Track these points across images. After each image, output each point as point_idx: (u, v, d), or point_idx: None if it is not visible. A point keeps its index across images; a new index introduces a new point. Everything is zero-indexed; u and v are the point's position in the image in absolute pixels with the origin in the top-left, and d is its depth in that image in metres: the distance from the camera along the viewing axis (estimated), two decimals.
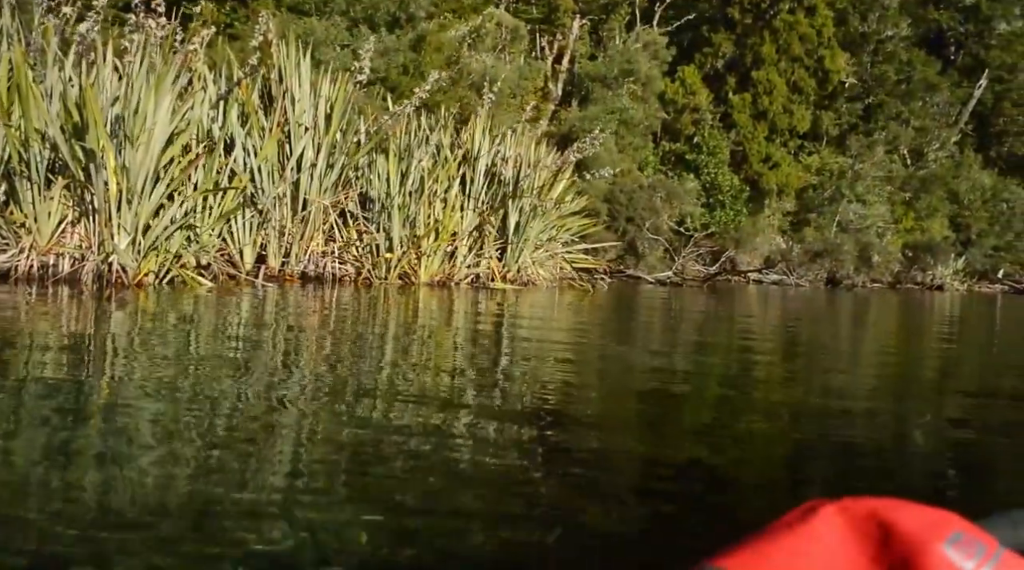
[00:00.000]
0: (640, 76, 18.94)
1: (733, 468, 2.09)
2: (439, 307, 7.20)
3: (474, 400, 2.72)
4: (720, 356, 4.53)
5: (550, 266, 12.12)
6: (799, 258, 23.24)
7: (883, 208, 25.83)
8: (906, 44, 28.45)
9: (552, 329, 5.69)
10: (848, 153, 26.32)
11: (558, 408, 2.68)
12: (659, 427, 2.60)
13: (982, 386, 4.14)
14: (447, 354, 3.92)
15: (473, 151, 10.53)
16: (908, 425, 2.79)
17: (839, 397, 3.30)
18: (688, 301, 11.39)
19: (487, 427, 2.27)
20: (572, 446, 2.18)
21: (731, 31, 23.13)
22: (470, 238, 10.51)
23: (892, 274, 26.74)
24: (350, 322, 5.23)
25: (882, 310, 13.53)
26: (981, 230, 30.90)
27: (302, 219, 8.92)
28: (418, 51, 12.55)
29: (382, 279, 9.22)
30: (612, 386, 3.33)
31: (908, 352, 6.00)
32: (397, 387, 2.86)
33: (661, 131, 21.84)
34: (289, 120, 8.73)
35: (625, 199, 17.16)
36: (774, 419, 2.76)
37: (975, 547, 0.60)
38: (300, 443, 2.00)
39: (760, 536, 0.63)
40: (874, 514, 0.62)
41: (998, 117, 33.08)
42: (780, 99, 22.23)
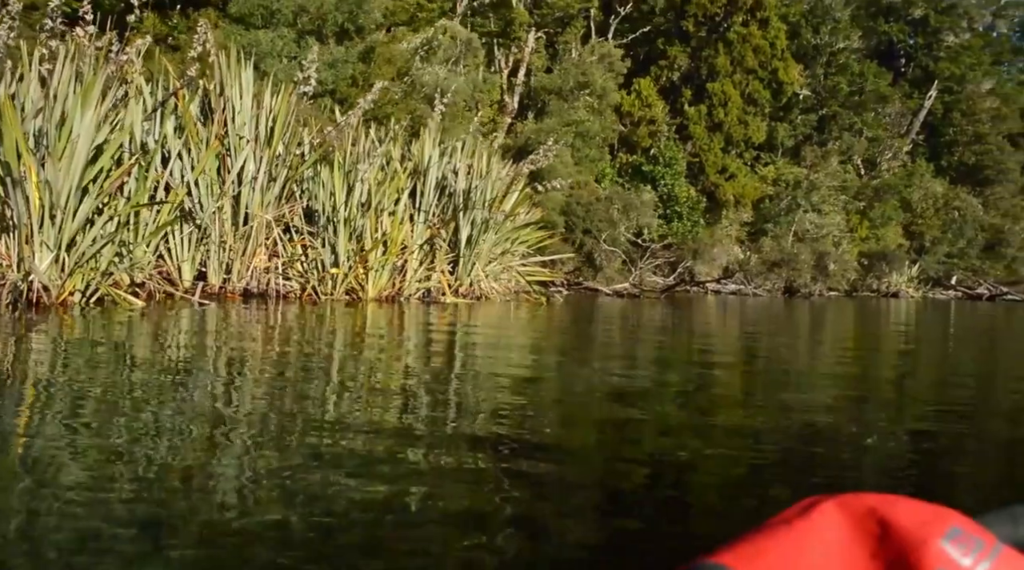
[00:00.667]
0: (595, 88, 18.89)
1: (692, 489, 2.00)
2: (386, 324, 6.95)
3: (422, 427, 2.51)
4: (679, 373, 4.36)
5: (504, 279, 11.93)
6: (757, 268, 23.34)
7: (838, 217, 26.09)
8: (858, 56, 28.89)
9: (503, 347, 5.48)
10: (803, 163, 26.60)
11: (510, 434, 2.46)
12: (614, 453, 2.42)
13: (938, 396, 4.01)
14: (392, 377, 3.68)
15: (423, 163, 10.31)
16: (866, 439, 2.71)
17: (799, 411, 3.14)
18: (646, 313, 11.26)
19: (437, 457, 2.07)
20: (524, 474, 2.01)
21: (686, 44, 23.26)
22: (421, 252, 10.27)
23: (848, 282, 26.99)
24: (289, 344, 4.97)
25: (840, 319, 13.53)
26: (934, 238, 31.38)
27: (244, 234, 8.62)
28: (368, 63, 12.32)
29: (328, 295, 8.95)
30: (566, 409, 3.10)
31: (866, 362, 5.89)
32: (340, 416, 2.63)
33: (618, 143, 21.84)
34: (229, 132, 8.45)
35: (582, 211, 17.05)
36: (733, 440, 2.59)
37: (973, 543, 0.59)
38: (226, 503, 1.75)
39: (759, 532, 0.62)
40: (873, 510, 0.62)
41: (948, 127, 33.72)
42: (735, 110, 22.37)
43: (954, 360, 6.42)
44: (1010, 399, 3.96)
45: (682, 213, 20.80)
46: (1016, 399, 4.02)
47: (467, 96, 14.95)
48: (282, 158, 8.79)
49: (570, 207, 17.04)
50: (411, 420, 2.59)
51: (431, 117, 11.61)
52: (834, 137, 28.01)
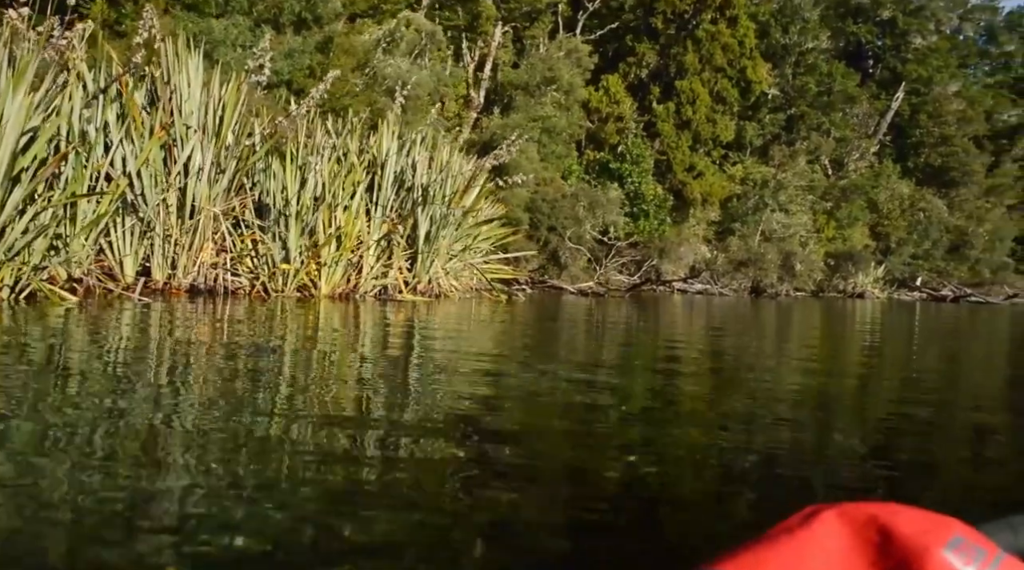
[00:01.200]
0: (562, 84, 18.68)
1: (663, 498, 1.89)
2: (337, 322, 6.69)
3: (372, 445, 2.25)
4: (643, 379, 4.14)
5: (465, 277, 11.69)
6: (723, 267, 23.30)
7: (805, 217, 26.15)
8: (826, 56, 28.97)
9: (459, 350, 5.24)
10: (771, 163, 26.62)
11: (466, 453, 2.23)
12: (576, 472, 2.21)
13: (902, 400, 3.86)
14: (335, 380, 3.43)
15: (381, 156, 10.05)
16: (833, 444, 2.65)
17: (763, 424, 2.94)
18: (611, 312, 11.09)
19: (388, 483, 1.84)
20: (482, 492, 1.82)
21: (654, 41, 23.13)
22: (378, 248, 10.01)
23: (815, 283, 27.08)
24: (230, 343, 4.69)
25: (806, 320, 13.46)
26: (900, 239, 31.62)
27: (190, 228, 8.30)
28: (326, 53, 12.01)
29: (278, 292, 8.65)
30: (526, 419, 2.86)
31: (832, 364, 5.73)
32: (281, 434, 2.37)
33: (585, 140, 21.65)
34: (175, 122, 8.12)
35: (547, 208, 16.84)
36: (698, 459, 2.39)
37: (975, 552, 0.60)
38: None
39: (760, 541, 0.63)
40: (874, 519, 0.62)
41: (915, 128, 33.98)
42: (703, 109, 22.28)
43: (919, 363, 6.30)
44: (972, 412, 3.82)
45: (649, 211, 20.66)
46: (978, 409, 3.88)
47: (430, 90, 14.68)
48: (231, 149, 8.48)
49: (535, 204, 16.82)
50: (374, 436, 2.35)
51: (391, 110, 11.35)
52: (802, 137, 28.07)
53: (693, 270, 22.63)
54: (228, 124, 8.39)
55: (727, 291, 22.15)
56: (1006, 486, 2.16)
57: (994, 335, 10.88)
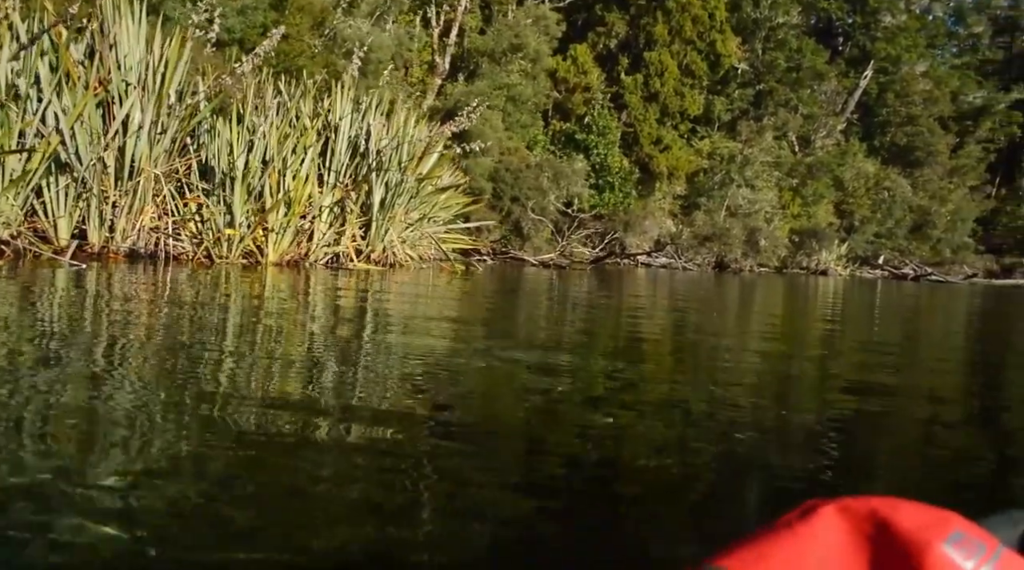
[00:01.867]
0: (529, 52, 18.31)
1: (619, 478, 1.82)
2: (281, 291, 6.40)
3: (307, 426, 2.01)
4: (602, 361, 3.91)
5: (423, 246, 11.42)
6: (688, 242, 23.22)
7: (771, 193, 26.12)
8: (796, 32, 28.80)
9: (403, 318, 4.99)
10: (739, 138, 26.50)
11: (414, 438, 2.01)
12: (532, 446, 2.08)
13: (862, 379, 3.74)
14: (266, 358, 3.16)
15: (335, 119, 9.69)
16: (792, 421, 2.60)
17: (723, 407, 2.77)
18: (572, 285, 10.89)
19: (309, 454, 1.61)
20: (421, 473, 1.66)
21: (624, 11, 22.78)
22: (331, 214, 9.69)
23: (779, 259, 27.14)
24: (162, 311, 4.40)
25: (770, 296, 13.39)
26: (864, 217, 31.78)
27: (130, 189, 7.93)
28: (280, 11, 11.56)
29: (223, 258, 8.31)
30: (476, 409, 2.62)
31: (793, 344, 5.58)
32: (198, 412, 2.11)
33: (552, 110, 21.33)
34: (114, 78, 7.72)
35: (511, 178, 16.55)
36: (664, 447, 2.20)
37: (975, 546, 0.60)
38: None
39: (760, 536, 0.62)
40: (874, 513, 0.62)
41: (882, 107, 34.04)
42: (672, 81, 22.03)
43: (880, 337, 6.20)
44: (931, 379, 3.76)
45: (614, 184, 20.43)
46: (936, 380, 3.78)
47: (391, 53, 14.26)
48: (174, 108, 8.09)
49: (498, 174, 16.52)
50: (313, 415, 2.11)
51: (350, 73, 10.99)
52: (770, 112, 27.96)
53: (658, 244, 22.51)
54: (170, 81, 7.99)
55: (691, 266, 22.08)
56: (962, 464, 2.13)
57: (952, 315, 10.86)
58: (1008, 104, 36.55)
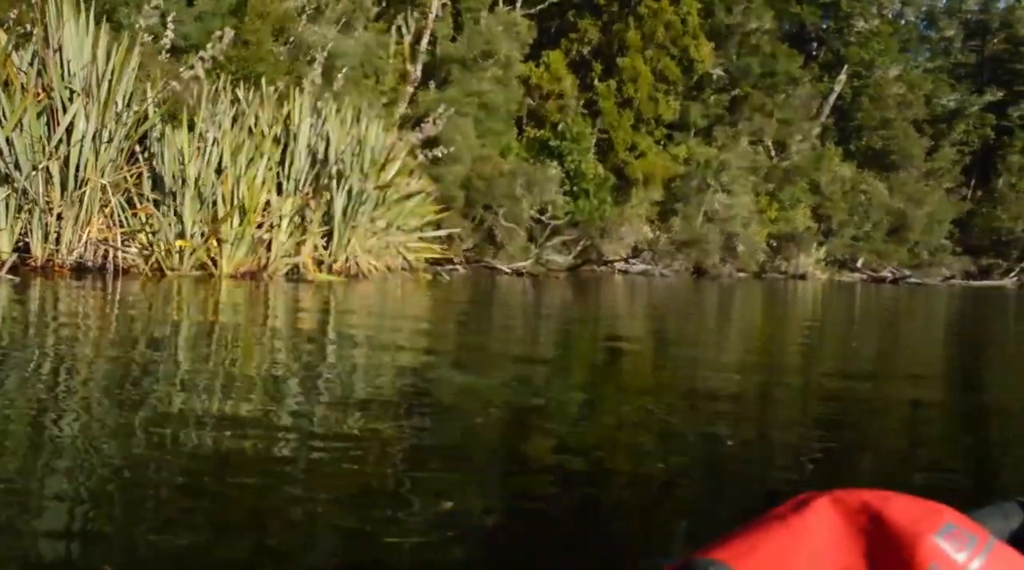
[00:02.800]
0: (500, 58, 18.08)
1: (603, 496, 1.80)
2: (229, 307, 6.10)
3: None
4: (582, 375, 3.66)
5: (390, 256, 11.14)
6: (665, 248, 23.03)
7: (747, 198, 26.00)
8: (770, 37, 28.76)
9: (365, 338, 4.72)
10: (714, 144, 26.37)
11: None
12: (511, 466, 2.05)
13: (843, 389, 3.58)
14: (196, 388, 2.88)
15: (294, 126, 9.42)
16: (772, 430, 2.62)
17: (705, 423, 2.58)
18: (546, 295, 10.63)
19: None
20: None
21: (597, 17, 22.61)
22: (291, 224, 9.40)
23: (757, 264, 27.00)
24: (89, 332, 4.11)
25: (749, 302, 13.20)
26: (841, 221, 31.73)
27: (75, 200, 7.62)
28: (239, 17, 11.28)
29: (174, 270, 8.00)
30: (434, 451, 2.35)
31: (774, 355, 5.38)
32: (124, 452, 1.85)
33: (526, 118, 21.10)
34: (56, 85, 7.42)
35: (483, 186, 16.29)
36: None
37: (967, 538, 0.60)
38: None
39: (753, 528, 0.62)
40: (866, 506, 0.62)
41: (857, 111, 34.05)
42: (645, 87, 21.86)
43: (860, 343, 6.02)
44: (912, 390, 3.64)
45: (589, 190, 20.20)
46: (918, 391, 3.62)
47: (358, 61, 13.96)
48: (121, 114, 7.79)
49: (471, 181, 16.26)
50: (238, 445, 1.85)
51: (306, 78, 10.74)
52: (745, 118, 27.86)
53: (635, 251, 22.29)
54: (115, 87, 7.70)
55: (668, 272, 21.89)
56: (940, 460, 2.14)
57: (931, 317, 10.72)
58: (981, 106, 36.69)
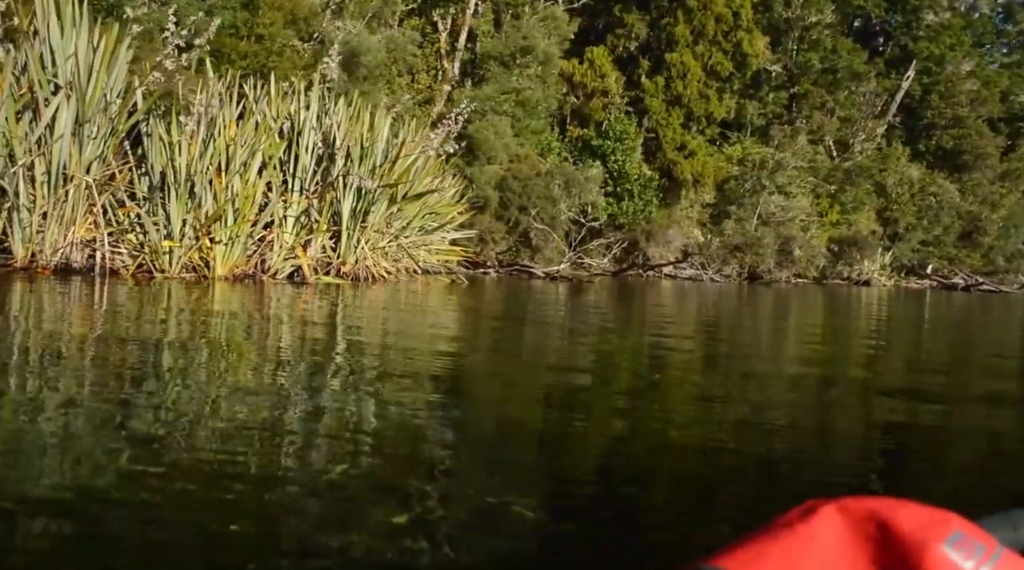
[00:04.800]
0: (537, 54, 17.46)
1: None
2: (207, 314, 5.61)
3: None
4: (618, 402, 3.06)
5: (409, 258, 10.64)
6: (717, 252, 22.10)
7: (805, 200, 24.86)
8: (832, 32, 27.53)
9: (362, 352, 4.17)
10: (771, 143, 25.32)
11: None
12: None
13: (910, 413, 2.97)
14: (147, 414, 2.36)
15: (299, 122, 8.98)
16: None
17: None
18: (580, 302, 9.95)
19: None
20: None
21: (645, 12, 21.80)
22: (297, 224, 8.96)
23: (817, 269, 25.86)
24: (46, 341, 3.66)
25: (806, 308, 12.34)
26: (909, 224, 30.26)
27: (59, 199, 7.28)
28: (252, 11, 10.89)
29: (161, 272, 7.60)
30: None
31: (833, 362, 4.70)
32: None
33: (569, 116, 20.45)
34: (38, 79, 7.08)
35: (519, 187, 15.69)
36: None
37: (974, 547, 0.60)
38: None
39: (759, 536, 0.63)
40: (873, 514, 0.63)
41: (926, 109, 32.43)
42: (695, 83, 20.95)
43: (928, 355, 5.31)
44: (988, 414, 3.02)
45: (633, 191, 19.41)
46: (994, 417, 2.98)
47: (382, 58, 13.49)
48: (106, 109, 7.43)
49: (505, 182, 15.68)
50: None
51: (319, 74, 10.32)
52: (804, 116, 26.69)
53: (685, 254, 21.42)
54: (100, 81, 7.34)
55: (718, 277, 20.97)
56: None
57: (1007, 326, 9.77)
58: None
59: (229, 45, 10.07)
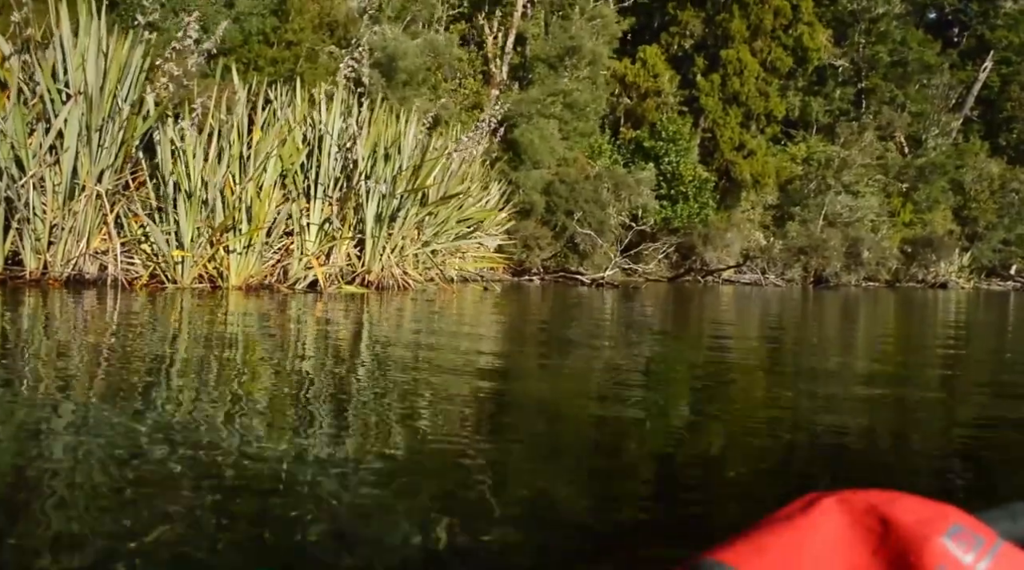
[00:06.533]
0: (584, 54, 16.98)
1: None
2: (212, 328, 5.34)
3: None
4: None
5: (453, 264, 10.32)
6: (780, 256, 21.22)
7: (875, 200, 23.73)
8: (900, 23, 26.31)
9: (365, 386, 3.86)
10: (837, 141, 24.29)
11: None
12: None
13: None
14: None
15: (324, 128, 8.73)
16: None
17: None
18: (628, 309, 9.42)
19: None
20: None
21: (700, 8, 21.11)
22: (320, 232, 8.70)
23: (889, 272, 24.70)
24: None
25: (876, 313, 11.59)
26: (989, 223, 28.78)
27: (68, 209, 7.14)
28: (282, 17, 10.71)
29: (174, 282, 7.40)
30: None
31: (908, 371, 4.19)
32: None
33: (623, 118, 19.89)
34: (47, 86, 6.97)
35: (566, 191, 15.23)
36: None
37: (974, 539, 0.60)
38: None
39: (760, 529, 0.63)
40: (873, 507, 0.62)
41: (1006, 102, 30.82)
42: (752, 80, 20.16)
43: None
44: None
45: (689, 194, 18.73)
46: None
47: (420, 63, 13.21)
48: (117, 116, 7.27)
49: (552, 187, 15.24)
50: None
51: (366, 80, 10.07)
52: (872, 111, 25.51)
53: (745, 258, 20.60)
54: (112, 88, 7.19)
55: (780, 282, 20.10)
56: None
57: None
58: None
59: (258, 51, 9.91)
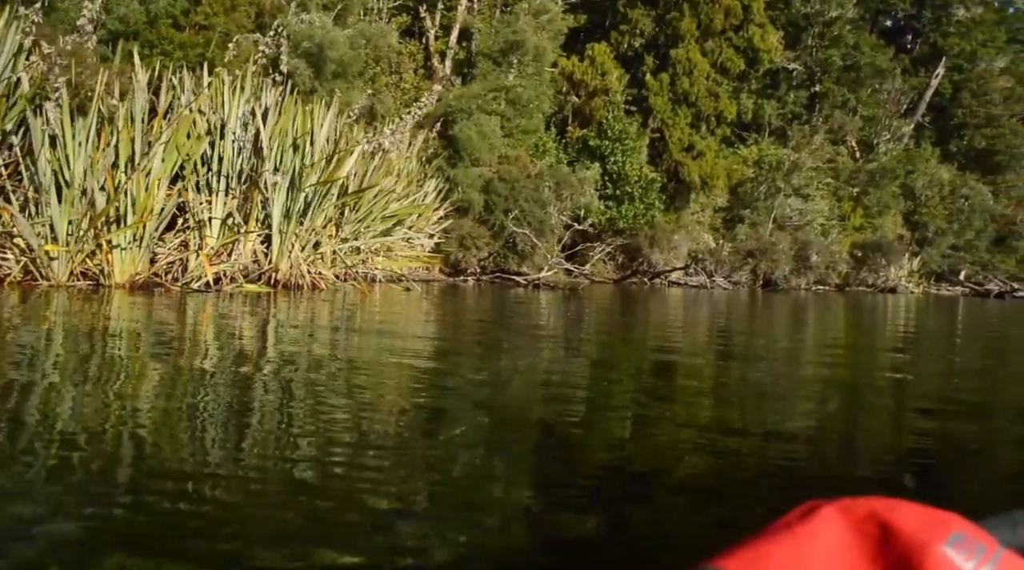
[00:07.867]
0: (528, 49, 16.56)
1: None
2: (68, 334, 4.80)
3: None
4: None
5: (377, 263, 9.82)
6: (729, 258, 20.99)
7: (825, 204, 23.63)
8: (853, 27, 26.28)
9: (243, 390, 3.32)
10: (789, 144, 24.15)
11: None
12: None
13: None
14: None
15: (223, 117, 8.19)
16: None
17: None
18: (560, 312, 8.98)
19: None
20: None
21: (651, 7, 20.79)
22: (223, 227, 8.17)
23: (840, 276, 24.63)
24: None
25: (824, 317, 11.29)
26: (939, 228, 28.87)
27: None
28: (192, 1, 10.13)
29: (47, 280, 6.83)
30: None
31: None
32: None
33: (570, 116, 19.51)
34: None
35: (506, 189, 14.79)
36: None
37: (975, 547, 0.60)
38: None
39: (759, 537, 0.63)
40: (874, 514, 0.62)
41: (957, 108, 30.98)
42: (702, 81, 19.88)
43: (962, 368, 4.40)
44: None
45: (634, 194, 18.38)
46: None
47: (351, 55, 12.66)
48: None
49: (492, 185, 14.79)
50: None
51: (285, 68, 9.54)
52: (824, 115, 25.44)
53: (696, 260, 20.33)
54: None
55: (728, 284, 19.85)
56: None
57: None
58: None
59: (165, 34, 9.33)
